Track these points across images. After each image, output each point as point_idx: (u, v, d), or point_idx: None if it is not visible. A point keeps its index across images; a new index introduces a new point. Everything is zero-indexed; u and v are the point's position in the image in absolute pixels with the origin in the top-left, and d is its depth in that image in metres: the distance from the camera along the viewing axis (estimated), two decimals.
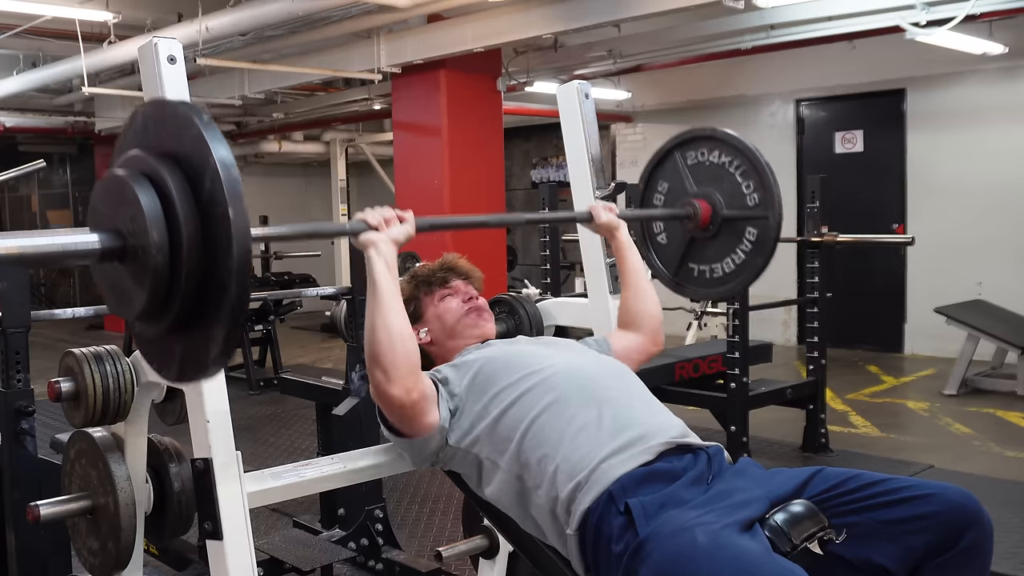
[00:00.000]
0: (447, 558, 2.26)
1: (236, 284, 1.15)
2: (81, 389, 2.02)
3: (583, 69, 7.27)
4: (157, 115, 1.26)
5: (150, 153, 1.22)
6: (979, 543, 1.54)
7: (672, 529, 1.46)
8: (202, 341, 1.21)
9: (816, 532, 1.53)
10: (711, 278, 2.29)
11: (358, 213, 1.68)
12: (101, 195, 1.25)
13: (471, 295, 2.03)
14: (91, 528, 2.15)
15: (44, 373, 2.49)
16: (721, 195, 2.20)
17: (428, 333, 2.00)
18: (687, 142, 2.28)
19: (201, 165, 1.17)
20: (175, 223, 1.16)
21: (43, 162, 3.78)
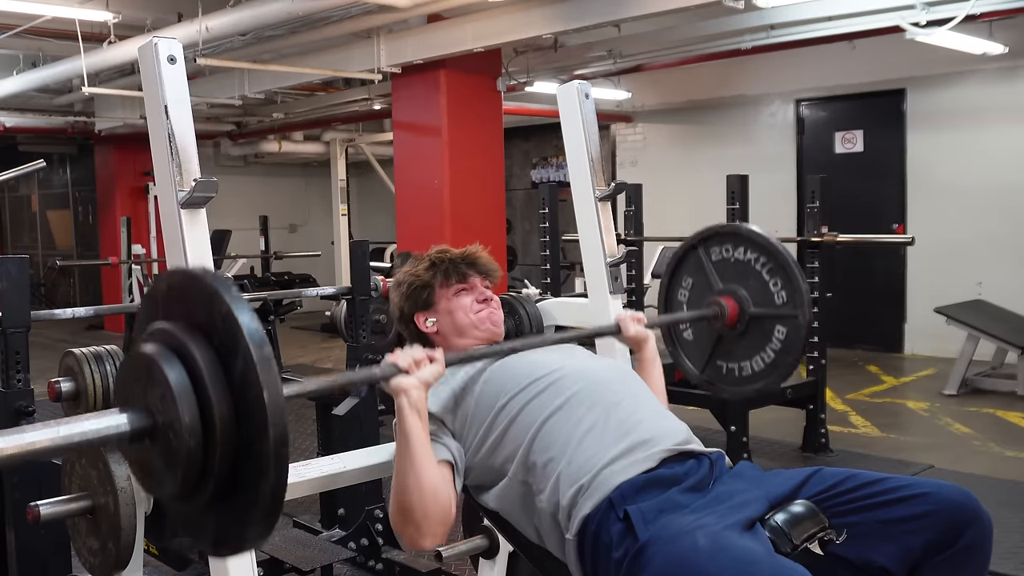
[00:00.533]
0: (447, 558, 2.26)
1: (275, 469, 1.12)
2: (81, 389, 2.02)
3: (583, 69, 7.27)
4: (182, 285, 1.23)
5: (178, 327, 1.19)
6: (978, 541, 1.53)
7: (672, 533, 1.46)
8: (239, 521, 1.18)
9: (816, 532, 1.53)
10: (740, 376, 2.27)
11: (388, 356, 1.63)
12: (129, 372, 1.22)
13: (486, 296, 2.00)
14: (91, 528, 2.15)
15: (44, 373, 2.49)
16: (748, 292, 2.19)
17: (436, 324, 1.98)
18: (710, 238, 2.26)
19: (232, 343, 1.14)
20: (207, 403, 1.13)
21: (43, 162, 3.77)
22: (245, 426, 1.14)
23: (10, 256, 2.60)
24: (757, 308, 2.18)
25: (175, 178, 1.68)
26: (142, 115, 7.25)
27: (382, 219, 11.41)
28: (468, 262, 2.00)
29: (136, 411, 1.18)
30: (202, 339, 1.17)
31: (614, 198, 2.34)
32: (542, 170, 10.69)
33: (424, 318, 1.98)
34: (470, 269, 2.00)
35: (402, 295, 2.01)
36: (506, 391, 1.74)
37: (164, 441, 1.16)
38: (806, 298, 2.11)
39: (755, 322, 2.18)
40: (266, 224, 8.68)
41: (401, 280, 2.03)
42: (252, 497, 1.14)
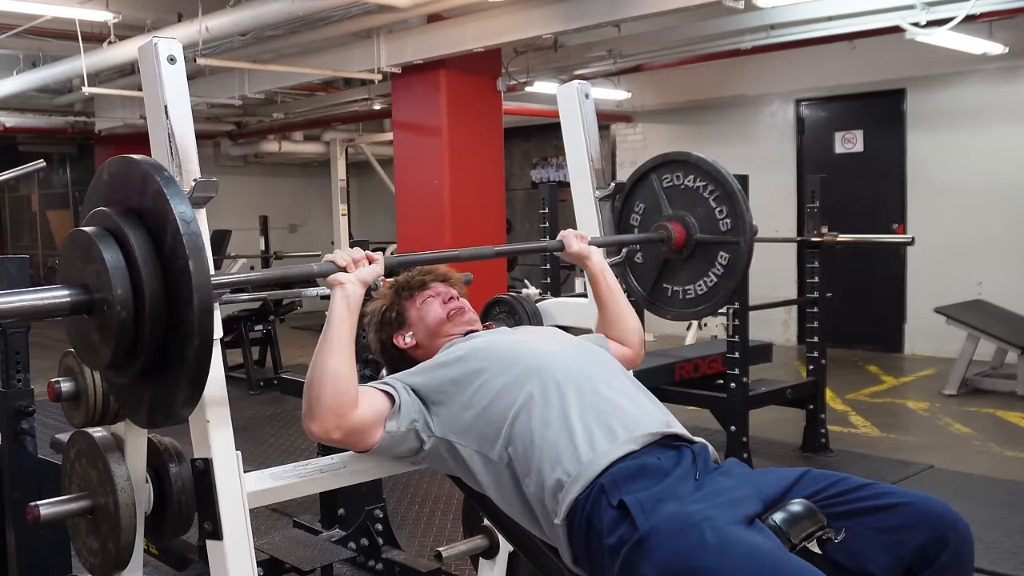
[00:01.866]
0: (447, 558, 2.26)
1: (199, 334, 1.21)
2: (81, 389, 2.02)
3: (583, 69, 7.28)
4: (121, 172, 1.32)
5: (115, 209, 1.28)
6: (961, 552, 1.55)
7: (676, 525, 1.46)
8: (169, 388, 1.26)
9: (815, 531, 1.54)
10: (684, 299, 2.36)
11: (327, 255, 1.69)
12: (69, 251, 1.31)
13: (451, 295, 2.04)
14: (91, 528, 2.15)
15: (44, 373, 2.49)
16: (695, 219, 2.27)
17: (413, 336, 2.01)
18: (663, 164, 2.35)
19: (162, 221, 1.23)
20: (138, 277, 1.22)
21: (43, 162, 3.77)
22: (174, 298, 1.22)
23: (10, 256, 2.60)
24: (703, 234, 2.26)
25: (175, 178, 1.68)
26: (142, 115, 7.22)
27: (382, 219, 11.42)
28: (424, 272, 2.07)
29: (75, 286, 1.27)
30: (136, 220, 1.26)
31: (614, 198, 2.34)
32: (542, 170, 10.69)
33: (401, 336, 2.02)
34: (427, 277, 2.06)
35: (375, 326, 2.06)
36: (485, 370, 1.75)
37: (100, 314, 1.26)
38: (748, 226, 2.21)
39: (700, 247, 2.27)
40: (266, 224, 8.67)
41: (370, 312, 2.06)
42: (179, 362, 1.23)
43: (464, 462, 1.75)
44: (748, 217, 2.21)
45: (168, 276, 1.22)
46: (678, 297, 2.36)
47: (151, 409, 1.31)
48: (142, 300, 1.22)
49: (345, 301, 1.65)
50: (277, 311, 6.90)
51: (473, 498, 1.86)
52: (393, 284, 2.07)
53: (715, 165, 2.24)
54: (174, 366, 1.24)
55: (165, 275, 1.22)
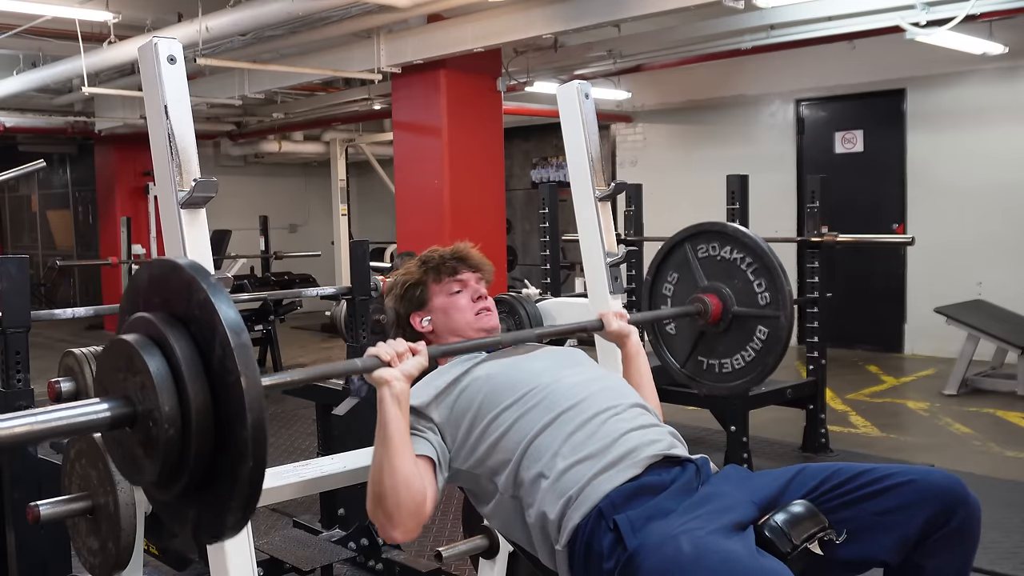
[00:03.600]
0: (447, 558, 2.26)
1: (253, 455, 1.13)
2: (81, 389, 2.02)
3: (583, 69, 7.27)
4: (163, 276, 1.24)
5: (158, 316, 1.20)
6: (968, 524, 1.56)
7: (658, 540, 1.47)
8: (218, 509, 1.18)
9: (816, 532, 1.54)
10: (720, 372, 2.30)
11: (371, 348, 1.63)
12: (110, 360, 1.23)
13: (480, 293, 1.99)
14: (91, 528, 2.15)
15: (44, 373, 2.48)
16: (732, 291, 2.21)
17: (431, 323, 1.97)
18: (698, 235, 2.29)
19: (210, 331, 1.15)
20: (185, 390, 1.15)
21: (43, 162, 3.77)
22: (224, 413, 1.15)
23: (10, 256, 2.60)
24: (740, 307, 2.20)
25: (175, 178, 1.68)
26: (142, 115, 7.24)
27: (382, 219, 11.42)
28: (458, 258, 2.00)
29: (116, 399, 1.19)
30: (181, 328, 1.18)
31: (614, 198, 2.34)
32: (542, 170, 10.69)
33: (420, 318, 1.98)
34: (460, 264, 1.99)
35: (396, 296, 2.01)
36: (498, 403, 1.73)
37: (144, 429, 1.18)
38: (789, 300, 2.14)
39: (738, 321, 2.22)
40: (266, 224, 8.68)
41: (395, 282, 2.04)
42: (231, 483, 1.15)
43: (469, 483, 1.77)
44: (788, 291, 2.14)
45: (217, 390, 1.15)
46: (714, 371, 2.30)
47: (197, 528, 1.23)
48: (189, 415, 1.14)
49: (395, 401, 1.60)
50: (277, 311, 6.90)
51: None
52: (423, 261, 2.01)
53: (753, 237, 2.19)
54: (224, 486, 1.16)
55: (214, 389, 1.15)
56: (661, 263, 2.37)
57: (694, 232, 2.31)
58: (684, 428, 4.82)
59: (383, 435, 1.60)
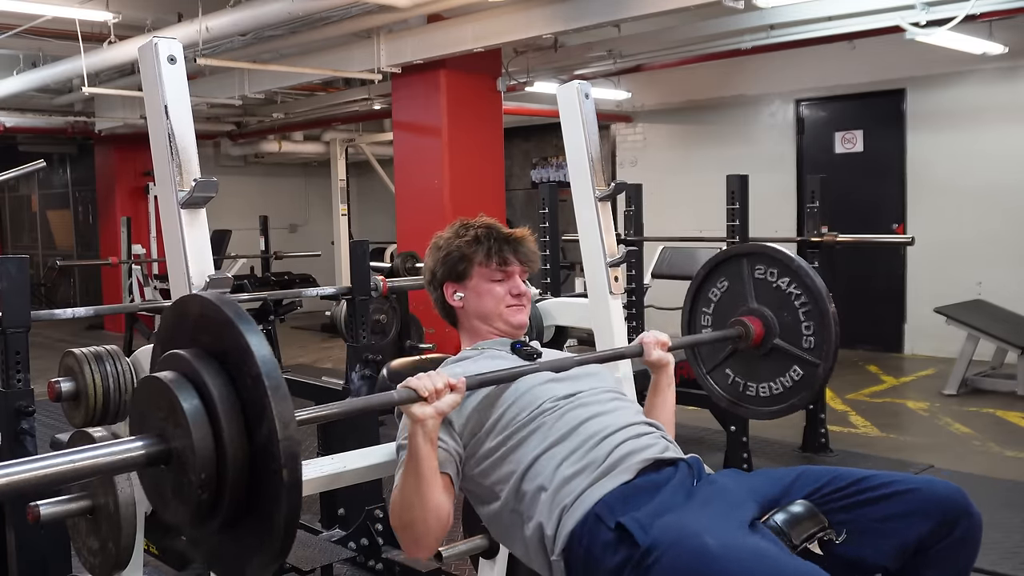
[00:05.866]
0: (447, 558, 2.26)
1: (288, 502, 1.11)
2: (81, 389, 2.02)
3: (583, 69, 7.27)
4: (198, 313, 1.25)
5: (193, 354, 1.20)
6: (970, 535, 1.56)
7: (676, 535, 1.45)
8: (251, 550, 1.17)
9: (816, 532, 1.54)
10: (742, 392, 2.28)
11: (411, 379, 1.56)
12: (145, 398, 1.23)
13: (520, 290, 1.93)
14: (91, 528, 2.15)
15: (44, 373, 2.49)
16: (778, 321, 2.18)
17: (463, 300, 1.93)
18: (760, 255, 2.24)
19: (245, 371, 1.15)
20: (221, 432, 1.14)
21: (43, 162, 3.77)
22: (259, 455, 1.14)
23: (10, 256, 2.60)
24: (783, 341, 2.16)
25: (175, 178, 1.68)
26: (142, 115, 7.23)
27: (382, 219, 11.41)
28: (514, 246, 1.92)
29: (151, 437, 1.19)
30: (216, 367, 1.18)
31: (614, 198, 2.33)
32: (542, 170, 10.69)
33: (453, 290, 1.93)
34: (513, 255, 1.92)
35: (438, 260, 1.95)
36: (518, 419, 1.72)
37: (178, 468, 1.17)
38: (834, 352, 2.10)
39: (776, 352, 2.18)
40: (266, 224, 8.68)
41: (441, 245, 1.96)
42: (266, 526, 1.14)
43: (472, 487, 1.78)
44: (836, 343, 2.11)
45: (253, 432, 1.14)
46: (737, 389, 2.28)
47: (227, 566, 1.23)
48: (224, 456, 1.13)
49: (427, 439, 1.57)
50: (277, 311, 6.89)
51: None
52: (476, 237, 1.92)
53: (815, 279, 2.16)
54: (258, 529, 1.15)
55: (249, 431, 1.14)
56: (713, 268, 2.32)
57: (757, 251, 2.25)
58: (684, 428, 4.82)
59: (415, 470, 1.59)
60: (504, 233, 1.94)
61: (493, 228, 1.95)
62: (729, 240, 4.35)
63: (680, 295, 2.48)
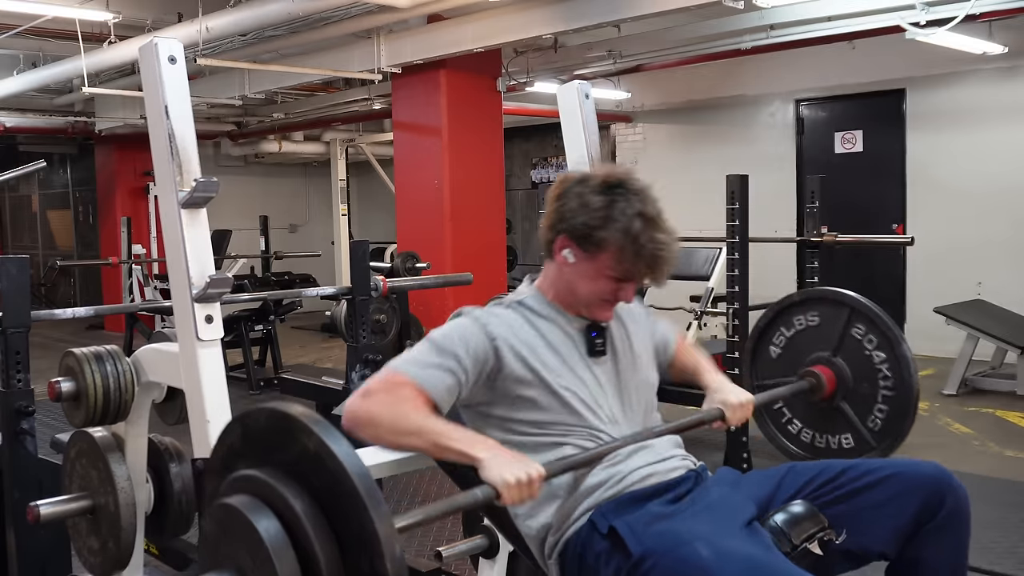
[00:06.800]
0: (447, 558, 2.26)
1: None
2: (81, 389, 2.02)
3: (583, 69, 7.27)
4: (262, 426, 1.10)
5: (264, 472, 1.06)
6: (957, 509, 1.59)
7: (669, 544, 1.46)
8: None
9: (816, 532, 1.55)
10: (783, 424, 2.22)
11: (505, 475, 1.42)
12: (216, 529, 1.09)
13: (627, 299, 1.74)
14: (91, 528, 2.15)
15: (44, 373, 2.49)
16: (854, 387, 2.12)
17: (572, 259, 1.69)
18: (865, 317, 2.15)
19: (331, 484, 1.00)
20: (308, 557, 0.99)
21: (43, 162, 3.79)
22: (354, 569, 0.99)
23: (10, 256, 2.60)
24: (849, 407, 2.13)
25: (175, 178, 1.68)
26: (142, 115, 7.23)
27: (382, 219, 11.41)
28: (652, 265, 1.66)
29: (227, 573, 1.05)
30: (295, 484, 1.03)
31: None
32: (542, 170, 10.69)
33: (568, 249, 1.69)
34: (645, 273, 1.67)
35: (573, 211, 1.67)
36: (555, 420, 1.64)
37: None
38: (891, 448, 2.05)
39: (837, 413, 2.15)
40: (266, 224, 8.68)
41: (590, 202, 1.66)
42: None
43: (478, 424, 1.71)
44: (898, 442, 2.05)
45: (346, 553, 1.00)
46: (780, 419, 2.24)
47: None
48: None
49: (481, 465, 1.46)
50: (277, 311, 6.90)
51: None
52: (631, 232, 1.63)
53: (913, 375, 2.13)
54: None
55: (342, 552, 1.00)
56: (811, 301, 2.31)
57: (865, 312, 2.18)
58: None
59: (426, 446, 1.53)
60: (651, 247, 1.64)
61: (653, 238, 1.64)
62: (730, 240, 4.34)
63: (680, 295, 2.47)
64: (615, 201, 1.64)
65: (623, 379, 1.76)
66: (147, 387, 2.07)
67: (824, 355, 2.17)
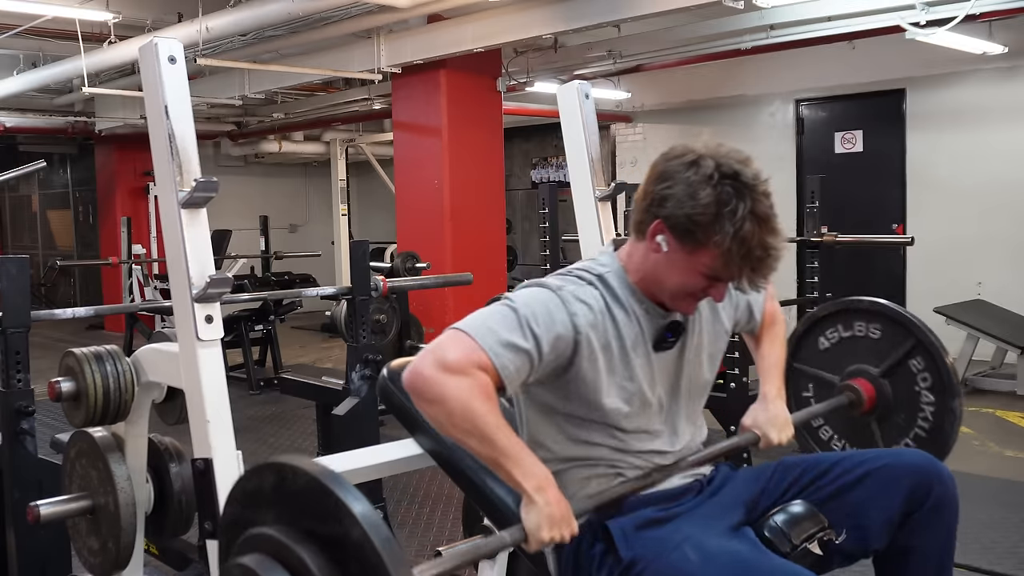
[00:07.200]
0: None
1: None
2: (81, 389, 2.02)
3: (583, 69, 7.27)
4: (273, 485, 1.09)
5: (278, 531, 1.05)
6: (945, 497, 1.61)
7: (658, 549, 1.48)
8: None
9: (816, 532, 1.55)
10: (815, 429, 2.25)
11: (543, 534, 1.41)
12: None
13: (718, 298, 1.60)
14: (91, 528, 2.15)
15: (44, 373, 2.49)
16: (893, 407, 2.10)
17: (664, 247, 1.53)
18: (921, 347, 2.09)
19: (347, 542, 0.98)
20: None
21: (43, 162, 3.79)
22: None
23: (10, 256, 2.60)
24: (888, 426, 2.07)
25: (175, 178, 1.68)
26: (142, 115, 7.24)
27: (382, 219, 11.41)
28: (757, 269, 1.50)
29: None
30: (310, 542, 1.02)
31: (614, 198, 2.34)
32: (542, 170, 10.69)
33: (663, 236, 1.53)
34: (747, 277, 1.51)
35: (677, 199, 1.49)
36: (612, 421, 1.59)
37: None
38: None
39: (869, 430, 2.12)
40: (266, 224, 8.68)
41: (696, 194, 1.47)
42: None
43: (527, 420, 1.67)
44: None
45: None
46: (812, 424, 2.22)
47: None
48: None
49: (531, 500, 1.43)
50: (277, 311, 6.90)
51: (474, 497, 1.86)
52: (740, 233, 1.45)
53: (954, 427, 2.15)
54: None
55: None
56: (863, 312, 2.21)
57: (921, 339, 2.12)
58: None
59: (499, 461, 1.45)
60: (766, 256, 1.48)
61: (763, 242, 1.47)
62: None
63: None
64: (727, 198, 1.45)
65: (683, 374, 1.70)
66: (147, 387, 2.07)
67: (871, 371, 2.12)
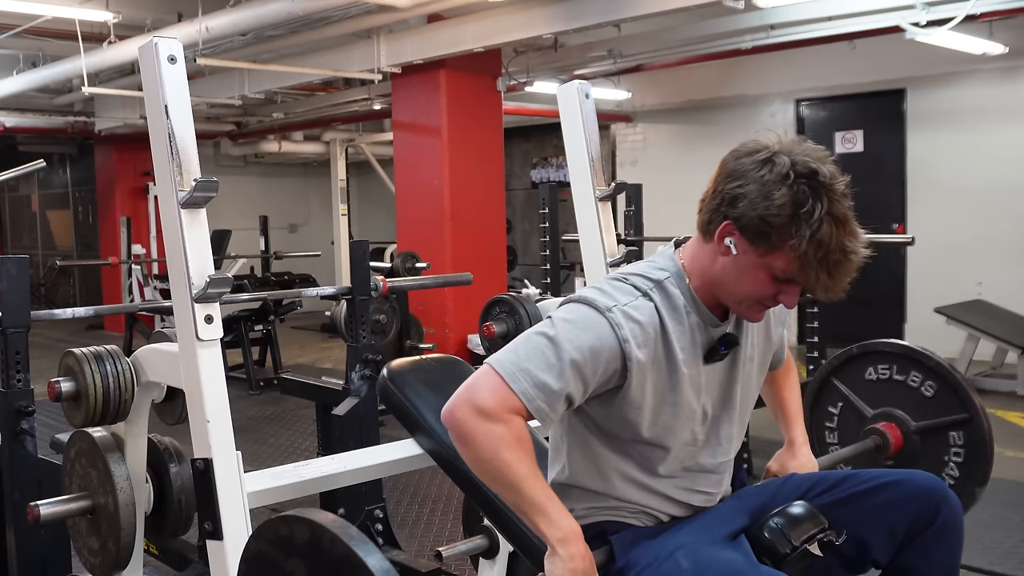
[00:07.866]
0: (447, 558, 2.26)
1: None
2: (81, 389, 2.02)
3: (583, 69, 7.27)
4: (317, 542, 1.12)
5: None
6: (951, 521, 1.60)
7: (651, 558, 1.48)
8: None
9: (816, 534, 1.55)
10: None
11: None
12: None
13: (789, 304, 1.52)
14: (91, 528, 2.15)
15: (44, 373, 2.49)
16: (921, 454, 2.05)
17: (731, 256, 1.47)
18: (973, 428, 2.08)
19: None
20: None
21: (43, 162, 3.78)
22: None
23: (10, 256, 2.60)
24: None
25: (175, 178, 1.68)
26: (142, 115, 7.25)
27: (382, 219, 11.41)
28: (834, 274, 1.42)
29: None
30: None
31: (614, 198, 2.34)
32: (542, 170, 10.69)
33: (732, 236, 1.46)
34: (823, 283, 1.42)
35: (750, 200, 1.43)
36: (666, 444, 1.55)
37: None
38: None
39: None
40: (266, 224, 8.68)
41: (770, 195, 1.42)
42: None
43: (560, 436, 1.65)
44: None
45: None
46: None
47: None
48: None
49: None
50: (277, 311, 6.89)
51: (474, 497, 1.86)
52: (818, 237, 1.39)
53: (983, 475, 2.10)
54: None
55: None
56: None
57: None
58: None
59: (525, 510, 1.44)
60: (845, 260, 1.41)
61: (843, 245, 1.41)
62: None
63: None
64: (803, 199, 1.40)
65: (736, 383, 1.67)
66: (147, 387, 2.07)
67: (907, 423, 2.10)
